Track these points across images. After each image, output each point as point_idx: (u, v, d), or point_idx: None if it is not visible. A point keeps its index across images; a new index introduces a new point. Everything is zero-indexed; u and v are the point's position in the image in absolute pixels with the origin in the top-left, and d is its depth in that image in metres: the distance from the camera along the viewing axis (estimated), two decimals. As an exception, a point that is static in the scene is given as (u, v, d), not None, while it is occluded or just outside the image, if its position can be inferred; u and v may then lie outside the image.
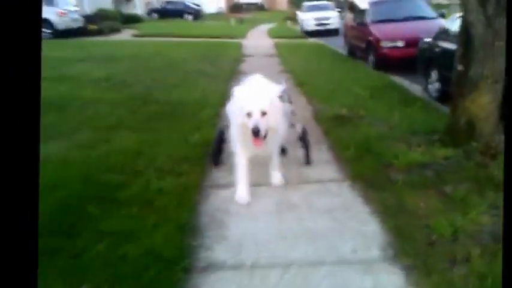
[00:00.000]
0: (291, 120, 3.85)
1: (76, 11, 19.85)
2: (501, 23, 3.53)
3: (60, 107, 5.46)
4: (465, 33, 3.85)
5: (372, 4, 11.51)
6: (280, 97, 3.26)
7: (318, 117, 5.67)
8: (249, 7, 55.16)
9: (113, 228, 2.55)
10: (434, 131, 4.53)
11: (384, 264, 2.48)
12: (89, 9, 24.43)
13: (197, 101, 6.25)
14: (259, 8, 57.47)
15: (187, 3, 35.50)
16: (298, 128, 4.01)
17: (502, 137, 4.09)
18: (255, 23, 32.65)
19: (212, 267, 2.45)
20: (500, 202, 3.05)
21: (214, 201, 3.28)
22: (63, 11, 18.62)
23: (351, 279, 2.34)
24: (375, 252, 2.60)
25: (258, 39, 19.94)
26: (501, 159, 3.79)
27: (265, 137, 2.99)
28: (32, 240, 0.97)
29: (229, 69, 9.66)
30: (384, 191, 3.33)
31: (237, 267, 2.45)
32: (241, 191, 3.27)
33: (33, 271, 0.97)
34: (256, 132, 2.89)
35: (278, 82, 3.43)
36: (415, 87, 7.83)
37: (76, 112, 5.45)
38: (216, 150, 3.89)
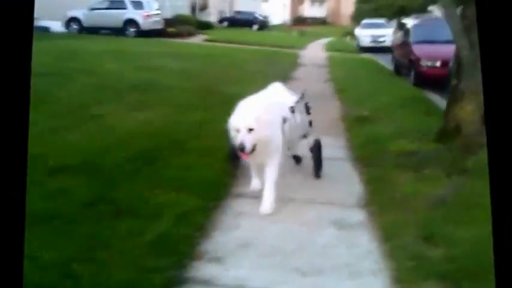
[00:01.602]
0: (305, 131, 3.99)
1: (158, 14, 21.71)
2: (482, 48, 4.31)
3: (144, 89, 6.75)
4: (457, 55, 4.66)
5: (415, 26, 12.12)
6: (292, 108, 3.60)
7: (344, 117, 6.59)
8: (312, 21, 55.85)
9: (179, 163, 3.67)
10: (434, 132, 5.31)
11: (355, 207, 3.44)
12: (169, 14, 26.37)
13: (250, 94, 7.32)
14: (322, 22, 58.02)
15: (255, 14, 36.92)
16: (310, 140, 4.02)
17: (480, 138, 4.84)
18: (315, 36, 33.42)
19: (240, 196, 3.50)
20: (460, 182, 3.87)
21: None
22: (148, 14, 20.52)
23: (329, 212, 3.31)
24: (352, 200, 3.55)
25: (315, 51, 20.82)
26: (476, 155, 4.54)
27: (253, 150, 3.06)
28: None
29: (282, 73, 10.69)
30: (374, 168, 4.22)
31: (255, 197, 3.48)
32: (255, 182, 3.55)
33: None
34: (242, 149, 3.04)
35: (297, 92, 4.02)
36: (445, 103, 8.46)
37: (156, 94, 6.70)
38: (232, 153, 3.68)
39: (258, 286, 2.38)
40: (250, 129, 3.02)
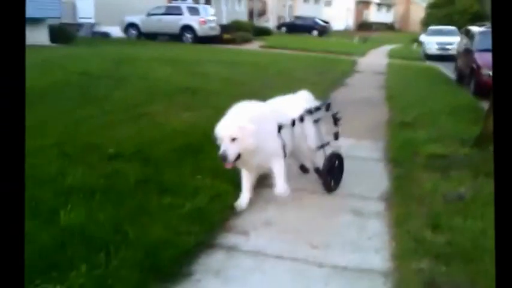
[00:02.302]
0: (322, 141, 4.14)
1: (214, 20, 23.01)
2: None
3: (193, 92, 7.61)
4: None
5: (480, 33, 12.20)
6: (300, 117, 3.83)
7: (388, 122, 7.05)
8: (378, 26, 55.55)
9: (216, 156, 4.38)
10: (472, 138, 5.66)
11: (376, 200, 3.97)
12: (225, 20, 27.72)
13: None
14: (389, 28, 57.59)
15: (316, 20, 37.59)
16: (327, 152, 4.13)
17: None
18: (379, 42, 33.46)
19: (271, 186, 4.13)
20: (484, 183, 4.26)
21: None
22: (203, 20, 21.85)
23: (350, 203, 3.88)
24: (375, 194, 4.09)
25: (375, 58, 21.08)
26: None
27: (238, 158, 3.30)
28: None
29: (332, 80, 11.26)
30: (403, 168, 4.70)
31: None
32: (242, 198, 3.69)
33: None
34: (223, 159, 3.24)
35: (325, 99, 4.52)
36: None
37: (202, 97, 7.52)
38: None
39: (271, 253, 3.01)
40: (234, 139, 3.22)
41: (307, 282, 2.71)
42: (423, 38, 25.27)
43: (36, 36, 14.96)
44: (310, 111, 4.04)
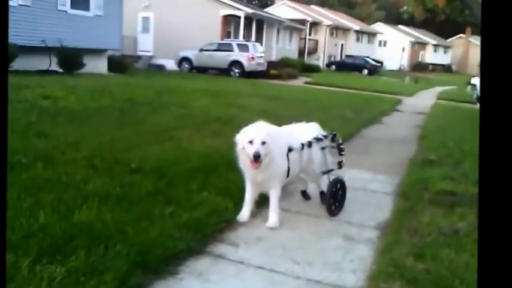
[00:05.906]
0: (326, 168, 4.47)
1: (262, 56, 23.93)
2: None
3: (225, 121, 8.08)
4: None
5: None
6: (308, 142, 4.22)
7: (412, 159, 7.15)
8: (434, 67, 54.93)
9: (227, 177, 4.72)
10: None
11: (372, 228, 4.15)
12: (275, 57, 28.59)
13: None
14: (446, 69, 56.76)
15: (366, 59, 37.89)
16: (331, 178, 4.42)
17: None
18: (431, 83, 33.16)
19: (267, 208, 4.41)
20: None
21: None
22: (252, 56, 22.80)
23: (344, 229, 4.09)
24: (372, 223, 4.26)
25: (422, 99, 20.97)
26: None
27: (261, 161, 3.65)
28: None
29: (368, 117, 11.44)
30: (408, 201, 4.85)
31: (286, 210, 4.36)
32: (244, 211, 4.08)
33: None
34: (256, 157, 3.60)
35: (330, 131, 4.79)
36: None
37: (233, 126, 7.91)
38: None
39: (254, 263, 3.28)
40: (263, 142, 3.65)
41: (278, 290, 2.96)
42: (475, 80, 24.88)
43: (96, 65, 16.31)
44: (318, 139, 4.41)
